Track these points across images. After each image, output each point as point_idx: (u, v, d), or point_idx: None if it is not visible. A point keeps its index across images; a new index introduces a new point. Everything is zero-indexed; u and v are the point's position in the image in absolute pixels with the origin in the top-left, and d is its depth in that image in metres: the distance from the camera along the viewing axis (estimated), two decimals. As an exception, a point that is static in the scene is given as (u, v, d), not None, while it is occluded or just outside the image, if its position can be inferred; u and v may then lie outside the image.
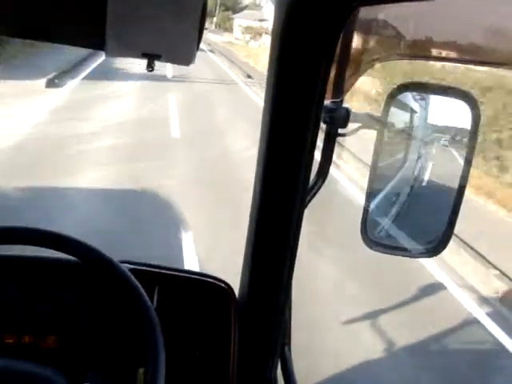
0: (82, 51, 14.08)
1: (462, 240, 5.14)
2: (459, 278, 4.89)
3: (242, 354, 1.09)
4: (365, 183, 1.04)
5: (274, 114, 0.91)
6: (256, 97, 13.75)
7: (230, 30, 50.59)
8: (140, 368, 0.95)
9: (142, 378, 0.95)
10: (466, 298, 4.58)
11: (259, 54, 24.57)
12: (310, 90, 0.87)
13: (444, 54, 0.97)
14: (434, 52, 0.99)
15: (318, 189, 1.05)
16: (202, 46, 0.88)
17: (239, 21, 47.41)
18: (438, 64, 7.83)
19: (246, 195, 1.03)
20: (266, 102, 0.92)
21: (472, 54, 0.98)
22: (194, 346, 1.10)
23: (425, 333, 3.81)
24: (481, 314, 4.32)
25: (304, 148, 0.91)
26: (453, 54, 1.00)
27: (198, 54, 0.88)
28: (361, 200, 1.08)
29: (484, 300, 4.63)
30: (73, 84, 12.45)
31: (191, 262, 4.25)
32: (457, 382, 3.49)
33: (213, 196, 5.90)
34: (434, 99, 1.14)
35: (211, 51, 28.57)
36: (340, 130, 1.03)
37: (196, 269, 4.09)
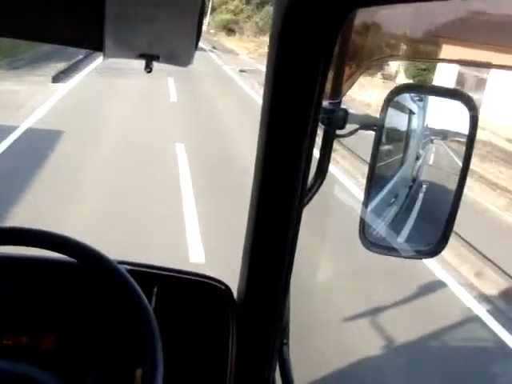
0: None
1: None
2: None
3: (240, 354, 1.09)
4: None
5: (272, 114, 0.91)
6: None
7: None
8: (138, 369, 0.95)
9: (140, 379, 0.94)
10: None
11: None
12: (309, 90, 0.87)
13: (441, 55, 0.97)
14: (431, 53, 0.99)
15: (317, 189, 1.05)
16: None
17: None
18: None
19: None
20: (264, 102, 0.91)
21: (469, 55, 0.98)
22: (192, 347, 1.10)
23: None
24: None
25: (302, 149, 0.91)
26: (450, 55, 0.99)
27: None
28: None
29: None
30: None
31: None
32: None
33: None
34: (432, 100, 1.13)
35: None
36: (338, 131, 1.02)
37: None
